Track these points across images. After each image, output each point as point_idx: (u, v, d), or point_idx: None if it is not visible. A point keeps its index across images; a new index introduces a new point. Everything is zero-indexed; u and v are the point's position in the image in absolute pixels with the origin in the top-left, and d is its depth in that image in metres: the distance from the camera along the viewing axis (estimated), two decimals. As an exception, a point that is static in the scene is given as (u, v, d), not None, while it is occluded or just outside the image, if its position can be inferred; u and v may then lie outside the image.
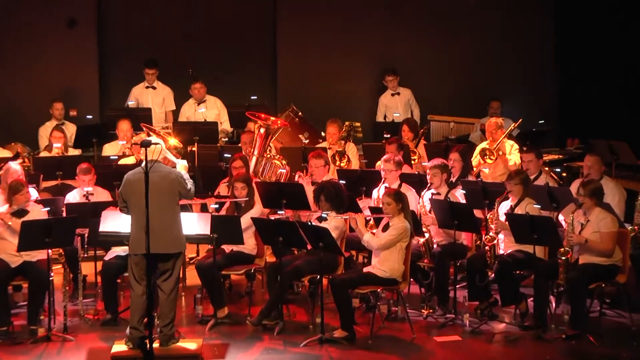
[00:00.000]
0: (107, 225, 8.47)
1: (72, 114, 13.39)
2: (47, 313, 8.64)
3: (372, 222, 9.16)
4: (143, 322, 8.02)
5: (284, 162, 10.84)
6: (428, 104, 13.88)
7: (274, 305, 8.68)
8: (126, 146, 11.46)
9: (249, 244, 9.22)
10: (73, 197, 9.94)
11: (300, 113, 12.50)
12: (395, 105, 13.66)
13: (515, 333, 8.59)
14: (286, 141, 12.06)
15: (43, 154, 11.83)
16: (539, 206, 8.91)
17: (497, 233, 8.93)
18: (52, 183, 10.90)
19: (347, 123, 11.85)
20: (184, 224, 8.17)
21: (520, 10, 14.59)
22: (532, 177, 9.76)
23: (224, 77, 14.18)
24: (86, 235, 8.96)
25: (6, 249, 8.77)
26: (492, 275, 8.91)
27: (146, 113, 12.65)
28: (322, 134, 12.12)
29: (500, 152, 11.17)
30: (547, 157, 12.11)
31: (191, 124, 12.36)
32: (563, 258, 8.42)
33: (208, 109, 12.99)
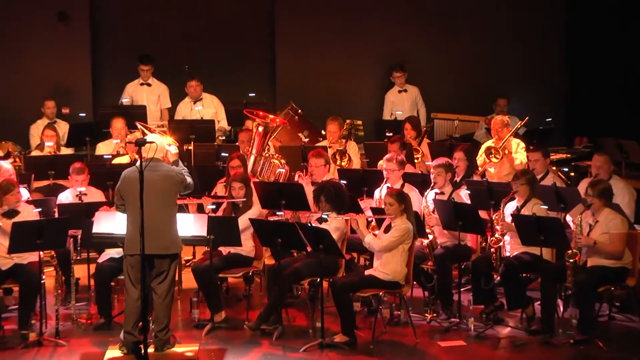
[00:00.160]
0: (101, 226, 8.47)
1: (65, 112, 13.39)
2: (39, 317, 8.64)
3: (374, 223, 9.15)
4: (137, 327, 8.02)
5: (283, 162, 10.84)
6: (431, 102, 13.88)
7: (273, 309, 8.67)
8: (120, 145, 11.46)
9: (247, 246, 9.22)
10: (65, 198, 9.93)
11: (299, 111, 12.50)
12: (401, 102, 13.65)
13: (521, 338, 8.58)
14: (285, 140, 12.06)
15: (34, 153, 11.83)
16: (546, 207, 8.91)
17: (503, 234, 8.92)
18: (44, 183, 10.90)
19: (348, 121, 11.85)
20: (180, 225, 8.17)
21: (528, 5, 14.60)
22: (539, 177, 9.77)
23: (221, 74, 14.18)
24: (79, 236, 8.95)
25: (-4, 251, 8.78)
26: (498, 278, 8.90)
27: (141, 111, 12.63)
28: (322, 133, 12.12)
29: (506, 151, 11.16)
30: (555, 156, 12.12)
31: (187, 122, 12.36)
32: (571, 260, 8.41)
33: (205, 107, 12.99)
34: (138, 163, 7.72)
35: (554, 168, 11.04)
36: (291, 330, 8.80)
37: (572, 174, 11.66)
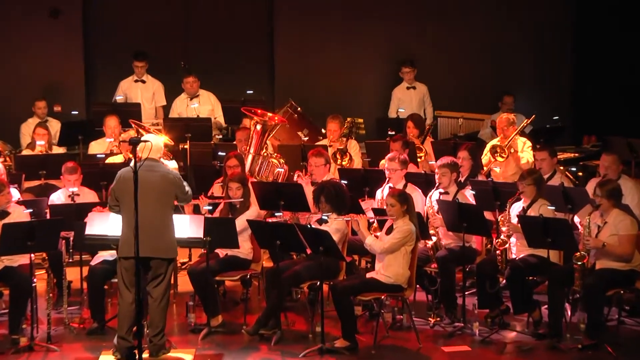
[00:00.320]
0: (94, 228, 8.46)
1: (57, 110, 13.39)
2: (30, 321, 8.63)
3: (376, 225, 9.14)
4: (132, 332, 8.01)
5: (282, 161, 10.84)
6: (435, 99, 13.87)
7: (272, 313, 8.67)
8: (114, 144, 11.45)
9: (245, 248, 9.21)
10: (57, 198, 9.94)
11: (299, 108, 12.51)
12: (409, 99, 13.66)
13: (528, 343, 8.58)
14: (284, 138, 12.07)
15: (25, 152, 11.84)
16: (553, 208, 8.90)
17: (509, 236, 8.92)
18: (35, 183, 10.90)
19: (349, 119, 11.86)
20: (176, 227, 8.16)
21: (535, 2, 14.59)
22: (546, 177, 9.77)
23: (218, 71, 14.18)
24: (71, 238, 8.95)
25: (-14, 254, 8.77)
26: (504, 281, 8.90)
27: (135, 108, 12.64)
28: (323, 131, 12.13)
29: (512, 150, 11.17)
30: (562, 156, 12.12)
31: (183, 120, 12.37)
32: (579, 263, 8.41)
33: (201, 104, 12.99)
34: (132, 163, 7.71)
35: (562, 167, 11.05)
36: (290, 335, 8.79)
37: (580, 174, 11.67)
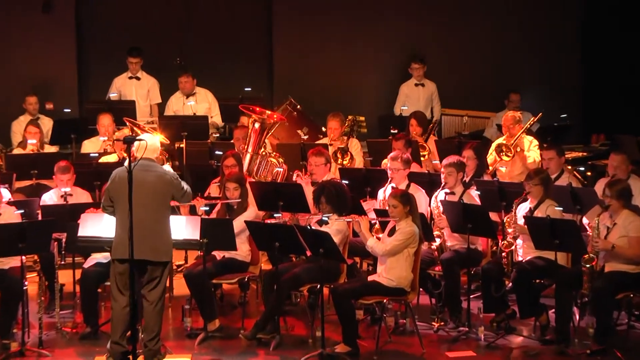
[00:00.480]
0: (87, 229, 8.45)
1: (49, 108, 13.39)
2: (21, 326, 8.64)
3: (378, 226, 9.14)
4: (126, 336, 8.01)
5: (281, 160, 10.84)
6: (439, 96, 13.87)
7: (270, 317, 8.67)
8: (107, 142, 11.46)
9: (243, 250, 9.21)
10: (49, 198, 9.93)
11: (298, 106, 12.50)
12: (416, 96, 13.66)
13: (535, 348, 8.58)
14: (283, 137, 12.06)
15: (16, 151, 11.83)
16: (561, 208, 8.90)
17: (515, 238, 8.92)
18: (27, 183, 10.90)
19: (350, 117, 11.86)
20: (171, 228, 8.15)
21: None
22: (554, 177, 9.77)
23: (215, 67, 14.18)
24: (64, 240, 8.95)
25: (-25, 256, 8.77)
26: (510, 284, 8.90)
27: (129, 106, 12.64)
28: (323, 129, 12.13)
29: (518, 149, 11.16)
30: (570, 155, 12.12)
31: (179, 119, 12.36)
32: (587, 265, 8.41)
33: (198, 102, 12.99)
34: (127, 162, 7.70)
35: (569, 167, 11.04)
36: (289, 339, 8.79)
37: (589, 174, 11.66)
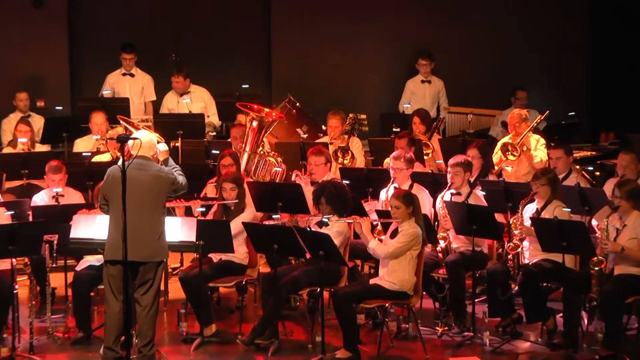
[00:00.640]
0: (79, 231, 8.44)
1: (40, 105, 13.39)
2: (11, 330, 8.62)
3: (380, 228, 9.14)
4: (119, 342, 8.00)
5: (280, 160, 10.83)
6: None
7: (268, 321, 8.66)
8: (100, 141, 11.45)
9: (240, 253, 9.21)
10: (40, 199, 9.93)
11: (297, 104, 12.49)
12: (422, 93, 13.66)
13: (542, 353, 8.58)
14: (282, 136, 12.05)
15: (6, 150, 11.82)
16: (569, 209, 8.90)
17: (522, 240, 8.91)
18: (17, 183, 10.90)
19: (351, 115, 11.85)
20: (167, 230, 8.15)
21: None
22: (561, 177, 9.77)
23: (212, 64, 14.18)
24: (55, 242, 8.93)
25: (-36, 258, 8.77)
26: (516, 287, 8.90)
27: (123, 104, 12.64)
28: (323, 128, 12.12)
29: (524, 148, 11.16)
30: (578, 154, 12.11)
31: (174, 117, 12.36)
32: (596, 268, 8.40)
33: (193, 100, 12.98)
34: (120, 161, 7.70)
35: (578, 167, 11.04)
36: (288, 345, 8.79)
37: (598, 174, 11.66)
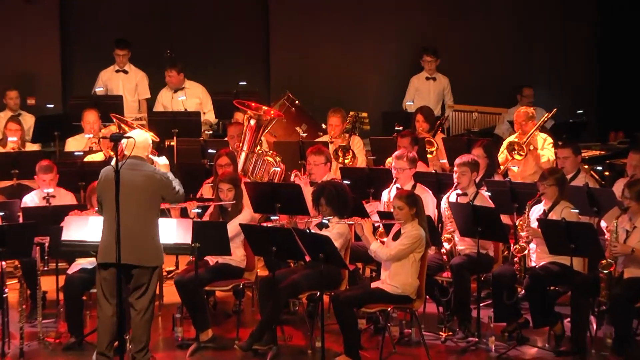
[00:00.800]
0: (71, 232, 8.43)
1: (30, 103, 13.39)
2: (1, 336, 8.62)
3: (382, 229, 9.14)
4: (113, 347, 8.00)
5: (278, 159, 10.84)
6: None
7: (267, 326, 8.66)
8: (93, 140, 11.45)
9: (237, 255, 9.21)
10: (31, 200, 9.93)
11: (297, 101, 12.49)
12: (427, 91, 13.66)
13: (549, 359, 8.57)
14: (280, 135, 12.05)
15: (-4, 150, 11.84)
16: (577, 210, 8.90)
17: (528, 242, 8.91)
18: (7, 183, 10.91)
19: (352, 113, 11.86)
20: (161, 232, 8.14)
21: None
22: (569, 177, 9.76)
23: (208, 60, 14.19)
24: (46, 244, 8.94)
25: (-48, 261, 8.77)
26: (522, 291, 8.90)
27: (116, 101, 12.64)
28: (323, 126, 12.12)
29: (531, 147, 11.16)
30: (587, 153, 12.11)
31: (169, 115, 12.36)
32: (605, 271, 8.40)
33: (188, 97, 12.97)
34: (113, 161, 7.69)
35: (586, 167, 11.04)
36: (287, 350, 8.78)
37: (607, 174, 11.65)
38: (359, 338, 8.56)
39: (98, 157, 10.92)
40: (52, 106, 13.34)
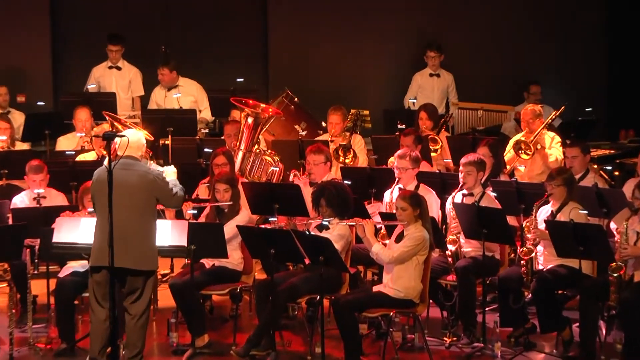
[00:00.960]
0: (62, 234, 8.44)
1: (20, 101, 13.38)
2: (-11, 341, 8.66)
3: (384, 231, 9.15)
4: (105, 353, 8.01)
5: (277, 159, 10.84)
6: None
7: (265, 332, 8.67)
8: (85, 139, 11.45)
9: (234, 258, 9.21)
10: (21, 201, 9.93)
11: (296, 99, 12.49)
12: (430, 87, 13.67)
13: (557, 366, 8.61)
14: (279, 133, 12.06)
15: (-16, 149, 11.84)
16: (586, 212, 8.90)
17: (535, 244, 8.91)
18: (-4, 184, 10.91)
19: (353, 111, 11.86)
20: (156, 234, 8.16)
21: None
22: (578, 177, 9.77)
23: (204, 56, 14.18)
24: (37, 247, 8.94)
25: (-61, 264, 8.79)
26: (529, 295, 8.90)
27: (109, 99, 12.65)
28: (323, 125, 12.12)
29: (538, 146, 11.17)
30: (596, 153, 12.11)
31: (164, 113, 12.36)
32: (615, 275, 8.41)
33: (183, 95, 12.97)
34: (106, 161, 7.70)
35: (595, 166, 11.05)
36: (286, 356, 8.79)
37: (617, 173, 11.66)
38: (360, 344, 8.56)
39: (90, 157, 10.92)
40: (43, 104, 13.32)
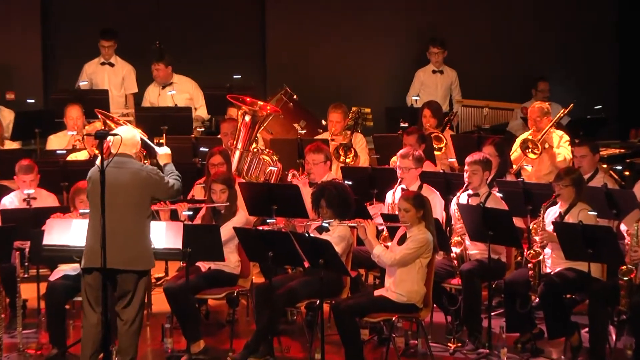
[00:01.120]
0: (53, 237, 8.43)
1: (9, 98, 13.41)
2: (-22, 347, 8.65)
3: (386, 233, 9.14)
4: (97, 358, 8.01)
5: (275, 158, 10.84)
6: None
7: (263, 337, 8.68)
8: (77, 137, 11.46)
9: (231, 261, 9.22)
10: (10, 202, 9.93)
11: (295, 96, 12.50)
12: (434, 85, 13.68)
13: (565, 372, 8.62)
14: (277, 132, 12.06)
15: (-28, 148, 11.84)
16: (595, 213, 8.90)
17: (543, 247, 8.92)
18: (-16, 184, 10.91)
19: (354, 109, 11.86)
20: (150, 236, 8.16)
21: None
22: (587, 177, 9.77)
23: (200, 52, 14.20)
24: (27, 249, 8.94)
25: None
26: (536, 299, 8.90)
27: (101, 96, 12.65)
28: (323, 123, 12.13)
29: (546, 145, 11.17)
30: (605, 152, 12.12)
31: (158, 110, 12.36)
32: (625, 278, 8.41)
33: (178, 92, 12.97)
34: (98, 160, 7.70)
35: (605, 166, 11.05)
36: (285, 363, 8.82)
37: (627, 173, 11.66)
38: (362, 350, 8.55)
39: (82, 156, 10.92)
40: (33, 101, 13.32)
